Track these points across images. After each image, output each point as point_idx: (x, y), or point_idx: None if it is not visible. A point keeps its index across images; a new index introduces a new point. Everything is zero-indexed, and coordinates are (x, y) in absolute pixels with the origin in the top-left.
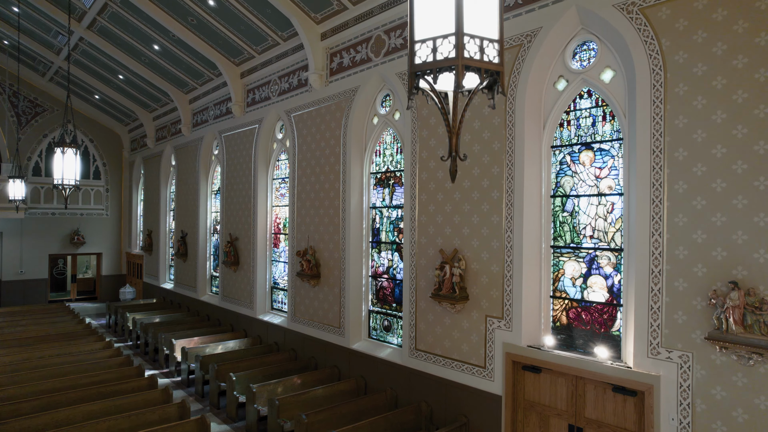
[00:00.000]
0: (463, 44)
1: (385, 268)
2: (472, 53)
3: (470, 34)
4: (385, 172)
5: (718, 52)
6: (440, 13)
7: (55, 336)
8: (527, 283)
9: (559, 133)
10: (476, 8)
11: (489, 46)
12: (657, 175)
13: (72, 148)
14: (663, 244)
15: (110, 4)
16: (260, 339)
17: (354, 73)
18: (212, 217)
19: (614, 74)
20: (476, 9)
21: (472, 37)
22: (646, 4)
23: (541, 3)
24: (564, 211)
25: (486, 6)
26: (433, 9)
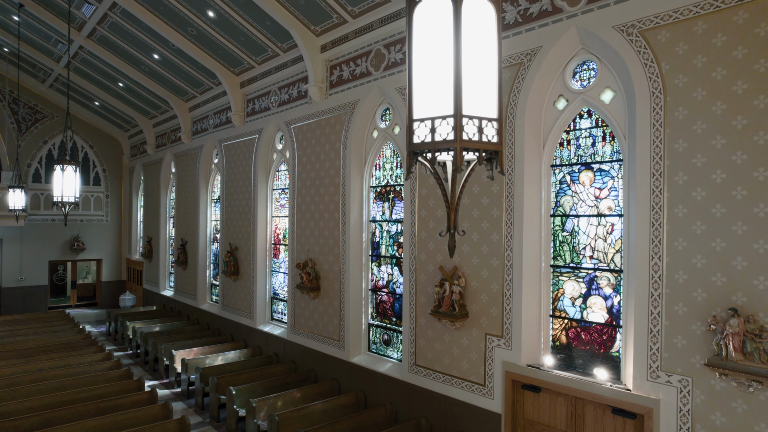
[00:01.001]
0: (462, 126)
1: (384, 282)
2: (470, 134)
3: (469, 115)
4: (384, 186)
5: (717, 77)
6: (439, 93)
7: (55, 346)
8: (527, 301)
9: (558, 152)
10: (475, 88)
11: (488, 126)
12: (657, 198)
13: (72, 165)
14: (663, 268)
15: (110, 14)
16: (260, 349)
17: (354, 86)
18: (212, 226)
19: (614, 95)
20: (475, 88)
21: (470, 118)
22: (646, 27)
23: (541, 22)
24: (564, 230)
25: (485, 85)
26: (432, 88)
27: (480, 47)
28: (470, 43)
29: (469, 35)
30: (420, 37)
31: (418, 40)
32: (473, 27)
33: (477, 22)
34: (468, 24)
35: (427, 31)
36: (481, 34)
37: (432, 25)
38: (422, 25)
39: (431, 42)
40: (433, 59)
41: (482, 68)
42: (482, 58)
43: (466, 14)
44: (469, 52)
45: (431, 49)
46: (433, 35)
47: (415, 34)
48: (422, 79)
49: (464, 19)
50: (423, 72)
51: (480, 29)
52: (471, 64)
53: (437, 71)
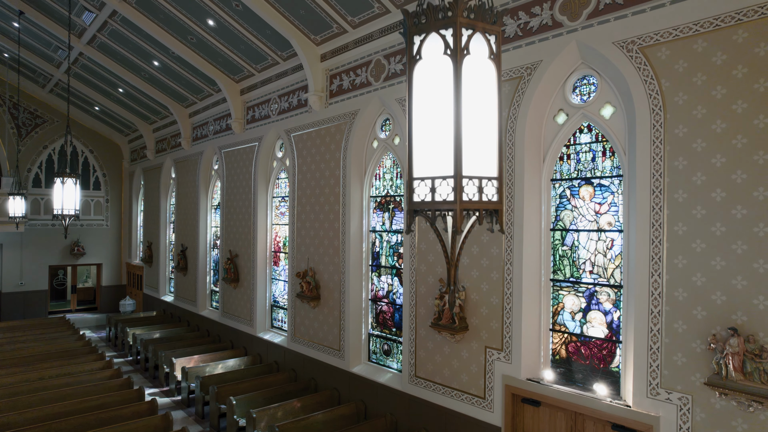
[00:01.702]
0: (462, 187)
1: (384, 292)
2: (470, 195)
3: (469, 175)
4: (384, 196)
5: (717, 96)
6: (439, 152)
7: (55, 354)
8: (527, 315)
9: (558, 166)
10: (475, 146)
11: (488, 185)
12: (657, 215)
13: (72, 177)
14: (662, 285)
15: (110, 21)
16: (260, 357)
17: (354, 96)
18: (212, 232)
19: (614, 110)
20: (475, 147)
21: (470, 179)
22: (646, 44)
23: (541, 36)
24: (563, 244)
25: (485, 143)
26: (432, 146)
27: (480, 105)
28: (470, 101)
29: (469, 93)
30: (420, 94)
31: (418, 97)
32: (473, 85)
33: (477, 79)
34: (468, 82)
35: (428, 88)
36: (481, 92)
37: (432, 82)
38: (422, 82)
39: (431, 99)
40: (433, 117)
41: (482, 126)
42: (482, 115)
43: (467, 72)
44: (469, 110)
45: (431, 106)
46: (433, 92)
47: (415, 91)
48: (422, 136)
49: (464, 78)
50: (423, 129)
51: (480, 87)
52: (471, 122)
53: (437, 129)
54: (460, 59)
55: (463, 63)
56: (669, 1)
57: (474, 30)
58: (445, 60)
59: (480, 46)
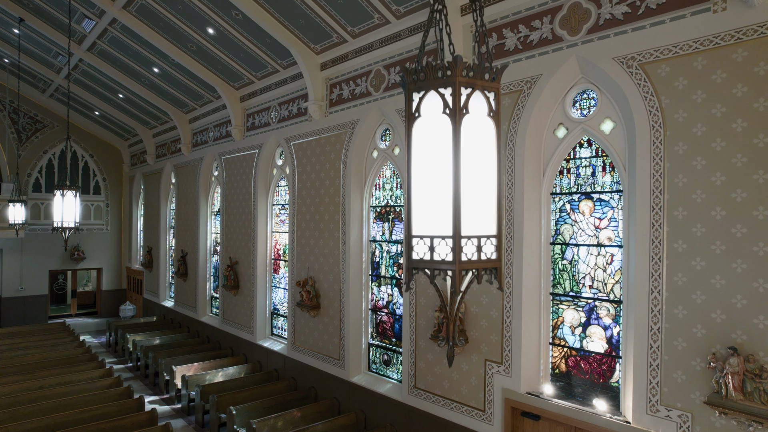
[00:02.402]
0: (461, 247)
1: (384, 302)
2: (469, 255)
3: (468, 235)
4: (384, 206)
5: (717, 114)
6: (438, 210)
7: (55, 361)
8: (526, 328)
9: (558, 180)
10: (474, 205)
11: (487, 243)
12: (656, 232)
13: (72, 190)
14: (662, 302)
15: (110, 29)
16: (260, 365)
17: (354, 106)
18: (212, 238)
19: (614, 125)
20: (474, 206)
21: (469, 238)
22: (646, 60)
23: (541, 50)
24: (563, 258)
25: (484, 201)
26: (431, 204)
27: (479, 162)
28: (469, 159)
29: (468, 151)
30: (419, 150)
31: (416, 154)
32: (472, 143)
33: (476, 137)
34: (467, 140)
35: (426, 146)
36: (480, 149)
37: (431, 140)
38: (421, 140)
39: (430, 156)
40: (431, 174)
41: (482, 183)
42: (482, 173)
43: (466, 131)
44: (468, 168)
45: (430, 163)
46: (432, 150)
47: (413, 148)
48: (421, 193)
49: (463, 136)
50: (421, 186)
51: (479, 144)
52: (470, 180)
53: (436, 187)
54: (459, 119)
55: (461, 122)
56: (669, 18)
57: (473, 88)
58: (444, 119)
59: (479, 103)
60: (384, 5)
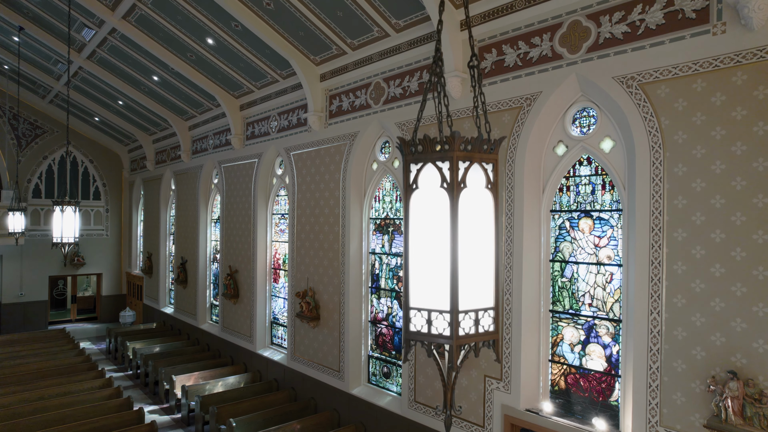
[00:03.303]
0: (459, 322)
1: (384, 314)
2: (466, 329)
3: (465, 309)
4: (384, 219)
5: (717, 137)
6: (435, 283)
7: (55, 370)
8: (526, 345)
9: (558, 197)
10: (472, 279)
11: (484, 316)
12: (656, 253)
13: (71, 206)
14: (661, 323)
15: (110, 38)
16: (260, 375)
17: (353, 118)
18: (212, 246)
19: (614, 144)
20: (472, 280)
21: (467, 312)
22: (646, 81)
23: (540, 67)
24: (563, 276)
25: (482, 274)
26: (429, 276)
27: (477, 234)
28: (467, 231)
29: (466, 224)
30: (417, 222)
31: (414, 226)
32: (470, 215)
33: (474, 210)
34: (465, 213)
35: (424, 218)
36: (478, 222)
37: (429, 212)
38: (419, 211)
39: (428, 229)
40: (429, 246)
41: (479, 256)
42: (479, 245)
43: (463, 204)
44: (466, 241)
45: (428, 235)
46: (430, 222)
47: (411, 219)
48: (418, 265)
49: (461, 209)
50: (419, 258)
51: (477, 217)
52: (468, 253)
53: (434, 259)
54: (457, 193)
55: (459, 197)
56: (668, 39)
57: (471, 162)
58: (442, 192)
59: (477, 176)
60: (383, 19)
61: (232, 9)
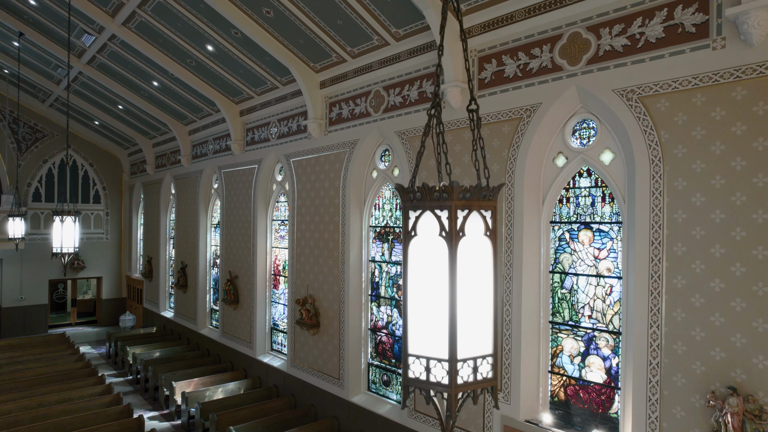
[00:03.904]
0: (457, 370)
1: (384, 322)
2: (465, 377)
3: (464, 358)
4: (384, 227)
5: (716, 152)
6: (434, 331)
7: (55, 377)
8: (526, 356)
9: (558, 209)
10: (470, 327)
11: (483, 363)
12: (656, 267)
13: (71, 215)
14: (661, 337)
15: (109, 44)
16: (260, 381)
17: (353, 125)
18: (212, 251)
19: (614, 157)
20: (470, 327)
21: (465, 361)
22: (646, 94)
23: (540, 78)
24: (563, 287)
25: (480, 321)
26: (427, 323)
27: (476, 282)
28: (466, 279)
29: (464, 272)
30: (415, 269)
31: (413, 272)
32: (469, 263)
33: (473, 257)
34: (463, 261)
35: (423, 265)
36: (476, 269)
37: (428, 259)
38: (418, 258)
39: (427, 276)
40: (428, 294)
41: (478, 303)
42: (478, 292)
43: (462, 251)
44: (464, 289)
45: (427, 283)
46: (428, 270)
47: (410, 266)
48: (417, 312)
49: (460, 257)
50: (418, 305)
51: (476, 264)
52: (466, 301)
53: (432, 307)
54: (456, 242)
55: (458, 246)
56: (668, 53)
57: (470, 210)
58: (441, 241)
59: (476, 223)
60: (383, 28)
61: (232, 17)
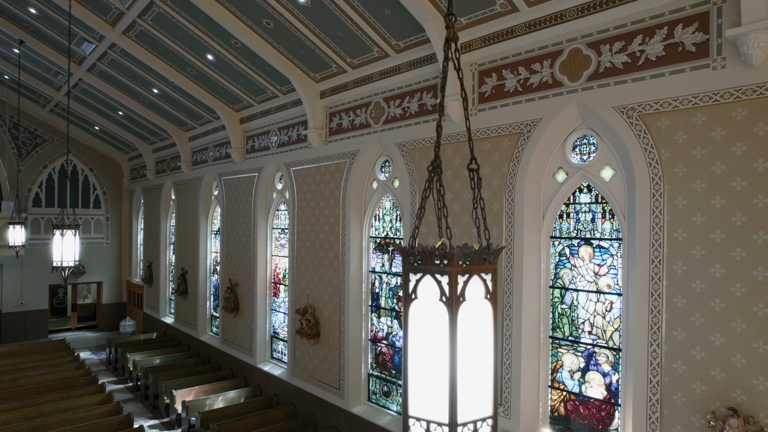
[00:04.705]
0: None
1: (384, 333)
2: None
3: (464, 422)
4: (384, 238)
5: (717, 171)
6: (434, 394)
7: (55, 385)
8: (525, 371)
9: (558, 224)
10: (470, 389)
11: (482, 425)
12: (656, 285)
13: (71, 229)
14: (661, 355)
15: (110, 52)
16: (260, 389)
17: (353, 136)
18: (212, 257)
19: (614, 173)
20: (470, 390)
21: (465, 425)
22: (646, 112)
23: (541, 94)
24: (563, 302)
25: (480, 383)
26: (428, 384)
27: (476, 344)
28: (466, 342)
29: (464, 335)
30: (416, 331)
31: (413, 334)
32: (469, 326)
33: (473, 320)
34: (464, 324)
35: (423, 328)
36: (477, 331)
37: (428, 322)
38: (418, 321)
39: (427, 338)
40: (428, 356)
41: (478, 365)
42: (478, 354)
43: (462, 315)
44: (464, 352)
45: (427, 345)
46: (428, 332)
47: (410, 328)
48: (417, 374)
49: (460, 321)
50: (418, 367)
51: (476, 326)
52: (466, 364)
53: (432, 369)
54: (456, 308)
55: (458, 311)
56: (668, 72)
57: (470, 275)
58: (441, 305)
59: (476, 287)
60: (383, 40)
61: (232, 28)
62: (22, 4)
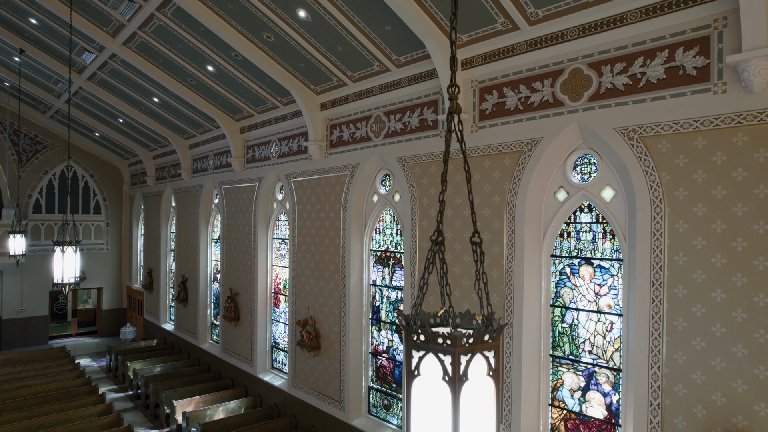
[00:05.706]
0: None
1: (384, 346)
2: None
3: None
4: (384, 251)
5: (718, 196)
6: None
7: (55, 395)
8: (526, 389)
9: (559, 243)
10: None
11: None
12: (656, 307)
13: (72, 246)
14: (661, 378)
15: (110, 62)
16: (261, 399)
17: (354, 149)
18: (212, 265)
19: (615, 194)
20: None
21: None
22: (647, 134)
23: (542, 113)
24: (563, 321)
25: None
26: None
27: (478, 420)
28: (468, 418)
29: (467, 412)
30: (418, 408)
31: (416, 412)
32: (472, 403)
33: (476, 397)
34: (466, 402)
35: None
36: (479, 408)
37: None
38: (420, 398)
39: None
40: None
41: None
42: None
43: (465, 393)
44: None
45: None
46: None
47: (413, 406)
48: None
49: (463, 399)
50: None
51: (479, 403)
52: None
53: None
54: (459, 387)
55: (461, 390)
56: (669, 95)
57: (473, 354)
58: (443, 384)
59: (479, 365)
60: (384, 54)
61: (233, 41)
62: (23, 15)
